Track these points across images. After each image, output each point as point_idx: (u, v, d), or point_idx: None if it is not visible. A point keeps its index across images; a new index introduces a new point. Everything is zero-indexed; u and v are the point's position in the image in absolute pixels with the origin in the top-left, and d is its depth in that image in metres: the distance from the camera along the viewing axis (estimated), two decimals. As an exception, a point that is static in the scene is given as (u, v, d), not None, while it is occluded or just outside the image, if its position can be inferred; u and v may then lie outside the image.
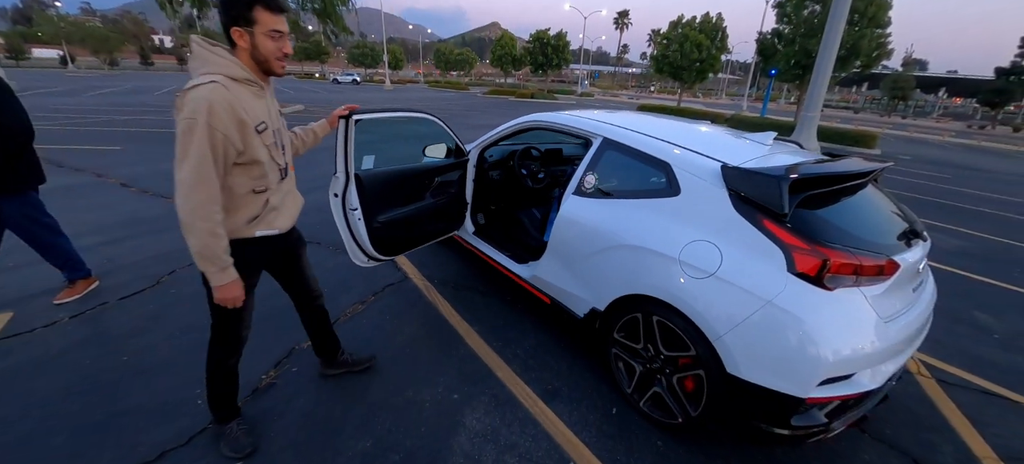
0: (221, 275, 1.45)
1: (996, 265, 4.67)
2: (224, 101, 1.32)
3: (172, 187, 1.40)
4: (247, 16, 1.36)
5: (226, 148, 1.36)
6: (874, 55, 15.82)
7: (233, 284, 1.48)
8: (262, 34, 1.38)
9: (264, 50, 1.41)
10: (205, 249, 1.39)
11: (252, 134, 1.41)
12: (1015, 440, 2.22)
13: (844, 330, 1.59)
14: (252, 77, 1.43)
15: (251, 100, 1.42)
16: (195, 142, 1.29)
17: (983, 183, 10.13)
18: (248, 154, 1.42)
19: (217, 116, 1.30)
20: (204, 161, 1.31)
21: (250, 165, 1.45)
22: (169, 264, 3.46)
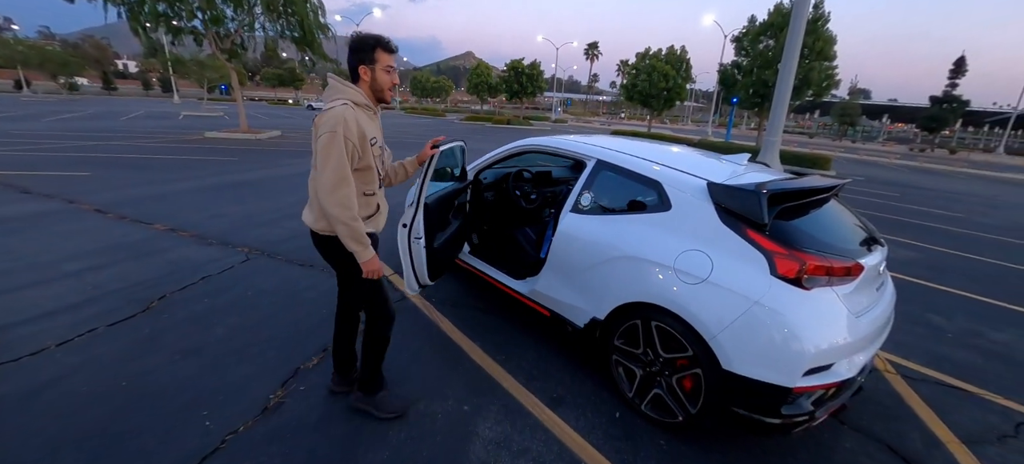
0: (366, 252, 1.79)
1: (942, 273, 5.13)
2: (352, 118, 1.70)
3: (150, 213, 1.47)
4: (371, 57, 1.78)
5: (352, 154, 1.72)
6: (824, 85, 17.16)
7: (375, 258, 1.84)
8: (380, 70, 1.80)
9: (380, 82, 1.82)
10: (353, 232, 1.73)
11: (367, 145, 1.78)
12: (973, 424, 2.47)
13: (822, 324, 1.79)
14: (369, 103, 1.84)
15: (367, 120, 1.82)
16: (335, 149, 1.65)
17: (926, 200, 11.04)
18: (364, 161, 1.79)
19: (348, 128, 1.68)
20: (342, 163, 1.67)
21: (364, 170, 1.81)
22: (158, 289, 3.39)
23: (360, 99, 1.80)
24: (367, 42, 1.78)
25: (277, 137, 15.70)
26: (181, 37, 14.33)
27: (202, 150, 11.32)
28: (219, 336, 2.81)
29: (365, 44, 1.78)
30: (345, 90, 1.79)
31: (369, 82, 1.81)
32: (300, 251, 4.37)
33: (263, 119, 25.31)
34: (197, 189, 6.85)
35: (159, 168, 8.45)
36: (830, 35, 16.56)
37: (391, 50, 1.81)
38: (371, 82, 1.81)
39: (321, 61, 16.52)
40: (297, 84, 68.38)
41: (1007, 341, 3.53)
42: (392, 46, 1.81)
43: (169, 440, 1.97)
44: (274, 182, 7.72)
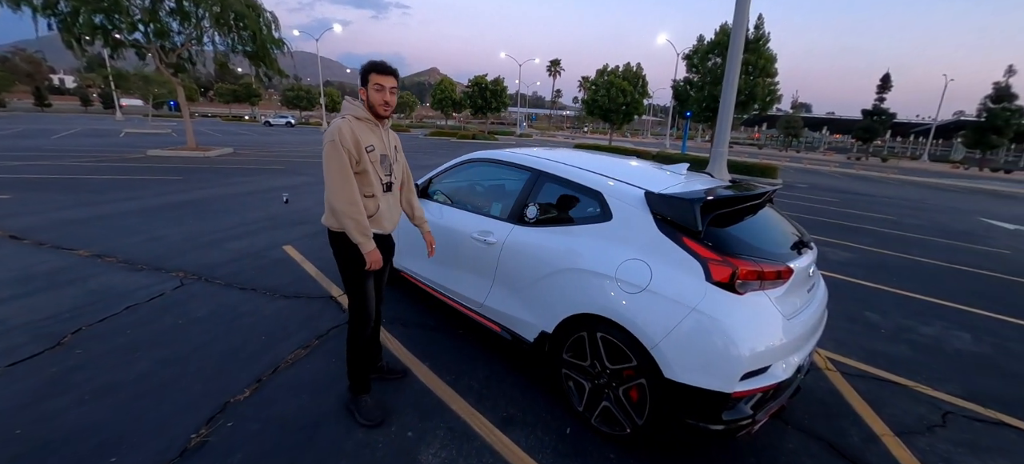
0: (368, 244, 2.04)
1: (877, 272, 5.47)
2: (347, 128, 1.99)
3: (75, 238, 1.32)
4: (366, 79, 2.06)
5: (350, 157, 1.98)
6: (768, 99, 18.29)
7: (376, 251, 2.07)
8: (371, 89, 2.05)
9: (371, 99, 2.07)
10: (358, 226, 2.00)
11: (363, 152, 2.03)
12: (906, 416, 2.59)
13: (756, 328, 1.82)
14: (369, 117, 2.10)
15: (366, 130, 2.08)
16: (334, 155, 1.95)
17: (862, 205, 11.87)
18: (360, 166, 2.03)
19: (343, 136, 1.97)
20: (343, 165, 1.96)
21: (361, 174, 2.05)
22: (73, 322, 3.07)
23: (360, 114, 2.08)
24: (364, 68, 2.07)
25: (228, 154, 14.99)
26: (121, 51, 13.50)
27: (143, 169, 10.61)
28: (140, 372, 2.56)
29: (363, 70, 2.08)
30: (348, 107, 2.10)
31: (366, 100, 2.09)
32: (241, 274, 4.11)
33: (216, 136, 24.15)
34: (133, 211, 6.36)
35: (92, 189, 7.82)
36: (771, 53, 17.73)
37: (384, 72, 2.06)
38: (367, 99, 2.09)
39: (277, 76, 16.02)
40: (253, 100, 65.82)
41: (935, 334, 3.78)
42: (387, 69, 2.07)
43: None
44: (220, 201, 7.30)
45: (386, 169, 2.18)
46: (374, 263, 2.07)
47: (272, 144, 20.76)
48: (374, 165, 2.10)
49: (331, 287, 3.92)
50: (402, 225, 3.48)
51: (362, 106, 2.10)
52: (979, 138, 35.14)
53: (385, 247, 2.27)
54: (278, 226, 5.88)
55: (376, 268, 2.10)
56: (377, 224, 2.15)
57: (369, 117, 2.10)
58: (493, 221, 2.74)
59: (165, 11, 12.99)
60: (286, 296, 3.70)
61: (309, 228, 5.84)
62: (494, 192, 3.11)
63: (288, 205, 7.18)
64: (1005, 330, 3.95)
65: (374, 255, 2.06)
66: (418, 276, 3.36)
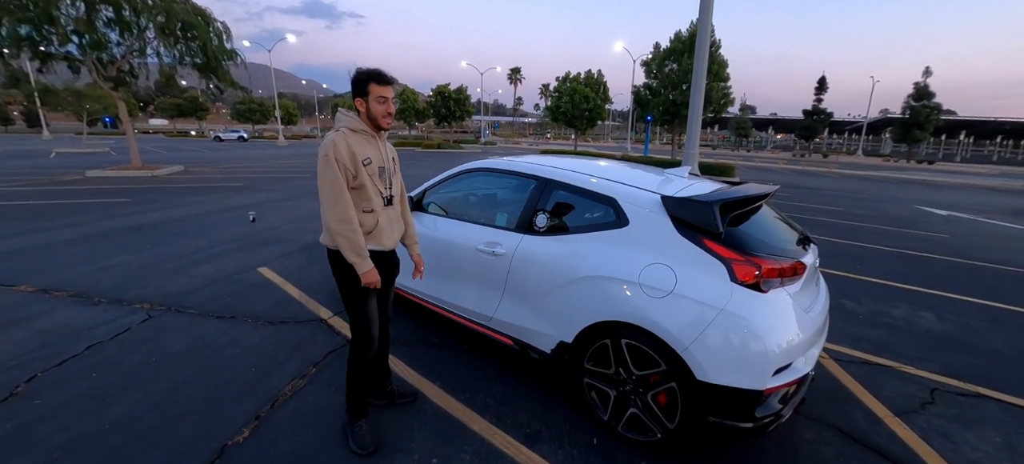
0: (364, 263, 1.93)
1: (842, 260, 5.82)
2: (343, 142, 1.90)
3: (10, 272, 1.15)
4: (365, 89, 1.94)
5: (345, 173, 1.89)
6: (722, 102, 19.28)
7: (372, 271, 1.96)
8: (373, 100, 1.95)
9: (374, 111, 1.97)
10: (351, 245, 1.90)
11: (360, 165, 1.94)
12: (899, 397, 2.73)
13: (782, 324, 1.86)
14: (365, 129, 2.00)
15: (363, 143, 1.98)
16: (329, 171, 1.86)
17: (813, 198, 12.70)
18: (358, 180, 1.94)
19: (338, 151, 1.87)
20: (337, 182, 1.86)
21: (359, 189, 1.96)
22: (25, 369, 2.71)
23: (356, 126, 1.98)
24: (361, 77, 1.95)
25: (180, 172, 14.01)
26: (51, 64, 12.33)
27: (82, 192, 9.69)
28: (115, 419, 2.28)
29: (360, 79, 1.96)
30: (342, 119, 2.00)
31: (365, 112, 1.99)
32: (216, 302, 3.80)
33: (162, 153, 22.54)
34: (77, 238, 5.77)
35: (23, 216, 7.04)
36: (723, 59, 18.73)
37: (384, 82, 1.96)
38: (367, 111, 1.98)
39: (229, 89, 15.17)
40: (200, 114, 62.12)
41: (905, 316, 4.05)
42: (386, 78, 1.97)
43: None
44: (179, 223, 6.77)
45: (385, 182, 2.08)
46: (370, 283, 1.97)
47: (226, 160, 19.62)
48: (372, 179, 2.00)
49: (319, 309, 3.70)
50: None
51: (358, 118, 2.00)
52: (905, 133, 38.66)
53: (387, 265, 2.16)
54: (248, 247, 5.52)
55: (374, 288, 2.00)
56: (376, 240, 2.05)
57: (366, 129, 2.00)
58: (500, 231, 2.68)
59: (102, 21, 12.01)
60: (271, 322, 3.45)
61: (283, 247, 5.51)
62: (496, 202, 3.05)
63: (255, 224, 6.77)
64: (963, 309, 4.30)
65: (371, 276, 1.95)
66: (417, 293, 3.22)
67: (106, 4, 11.61)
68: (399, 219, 2.24)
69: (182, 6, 12.73)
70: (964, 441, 2.35)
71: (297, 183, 11.84)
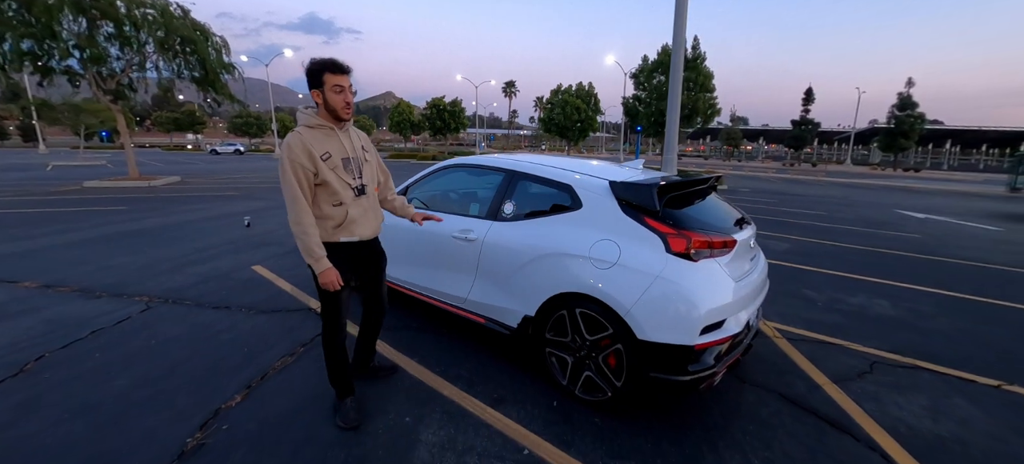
0: (317, 264, 1.95)
1: (811, 257, 6.12)
2: (297, 143, 1.89)
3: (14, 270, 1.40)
4: (320, 80, 1.92)
5: (305, 173, 1.91)
6: (709, 113, 19.80)
7: (328, 271, 1.97)
8: (329, 90, 1.93)
9: (332, 102, 1.94)
10: (305, 246, 1.93)
11: (319, 162, 1.92)
12: (841, 368, 2.98)
13: (710, 289, 2.12)
14: (324, 123, 1.98)
15: (321, 139, 1.96)
16: (285, 175, 1.89)
17: (797, 203, 13.06)
18: (319, 176, 1.94)
19: (293, 152, 1.88)
20: (291, 185, 1.89)
21: (323, 185, 1.96)
22: (34, 349, 2.93)
23: (312, 122, 1.97)
24: (315, 68, 1.92)
25: (176, 183, 14.24)
26: (52, 78, 12.61)
27: (81, 201, 9.90)
28: (118, 390, 2.50)
29: (313, 70, 1.92)
30: (301, 117, 2.00)
31: (322, 103, 1.96)
32: (212, 295, 4.03)
33: (159, 166, 22.76)
34: (77, 242, 5.98)
35: (22, 223, 7.24)
36: (708, 71, 19.29)
37: (339, 71, 1.93)
38: (324, 103, 1.95)
39: (227, 102, 15.48)
40: (197, 128, 62.46)
41: (860, 303, 4.31)
42: (341, 67, 1.94)
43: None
44: (175, 228, 6.99)
45: (352, 173, 2.05)
46: (327, 284, 1.98)
47: (222, 172, 19.86)
48: (335, 172, 1.97)
49: (309, 301, 3.93)
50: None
51: (313, 113, 1.99)
52: (891, 142, 39.43)
53: (370, 254, 2.23)
54: (243, 249, 5.75)
55: (331, 290, 2.01)
56: (349, 232, 2.05)
57: (323, 123, 1.97)
58: (472, 220, 2.94)
59: (103, 36, 12.34)
60: (263, 312, 3.68)
61: (276, 249, 5.75)
62: (470, 195, 3.31)
63: (250, 228, 7.00)
64: (916, 297, 4.57)
65: (326, 276, 1.96)
66: (398, 281, 3.46)
67: (107, 20, 11.96)
68: (376, 208, 2.22)
69: (182, 21, 13.10)
70: (892, 403, 2.60)
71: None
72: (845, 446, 2.20)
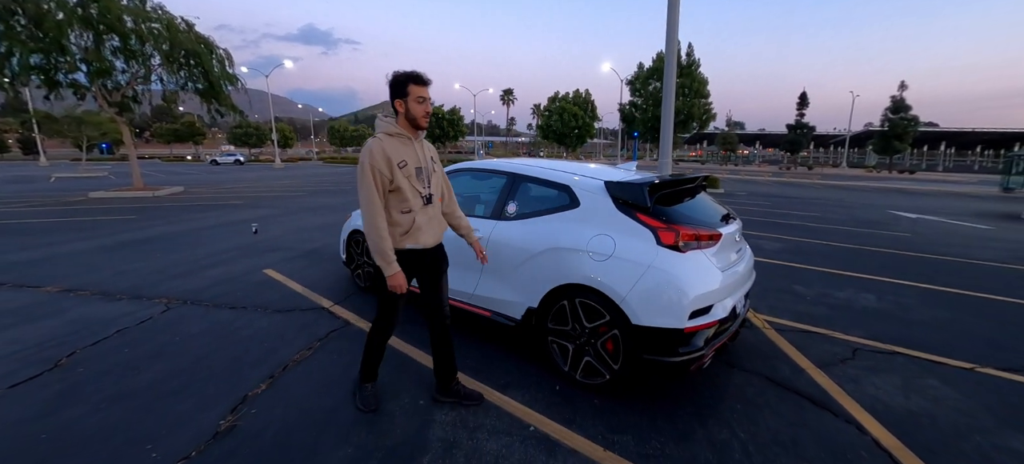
0: (388, 267, 2.03)
1: (803, 255, 6.33)
2: (378, 148, 2.01)
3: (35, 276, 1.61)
4: (404, 91, 2.04)
5: (381, 180, 2.01)
6: (704, 118, 20.12)
7: (398, 275, 2.05)
8: (412, 101, 2.04)
9: (413, 112, 2.06)
10: (377, 248, 2.02)
11: (396, 169, 2.03)
12: (825, 354, 3.18)
13: (697, 277, 2.32)
14: (402, 132, 2.09)
15: (399, 146, 2.07)
16: (364, 178, 1.99)
17: (791, 205, 13.30)
18: (394, 182, 2.04)
19: (374, 158, 1.99)
20: (368, 188, 1.99)
21: (396, 191, 2.06)
22: (65, 347, 3.11)
23: (392, 129, 2.08)
24: (400, 79, 2.04)
25: (180, 193, 14.43)
26: (58, 91, 12.84)
27: (89, 211, 10.09)
28: (149, 381, 2.69)
29: (398, 81, 2.04)
30: (380, 124, 2.11)
31: (404, 113, 2.07)
32: (228, 296, 4.21)
33: (161, 176, 22.96)
34: (90, 249, 6.17)
35: (35, 232, 7.42)
36: (703, 77, 19.64)
37: (423, 83, 2.06)
38: (406, 112, 2.07)
39: (230, 113, 15.73)
40: (197, 139, 62.79)
41: (847, 297, 4.51)
42: (425, 79, 2.06)
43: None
44: (184, 236, 7.18)
45: (423, 182, 2.14)
46: (394, 288, 2.05)
47: (224, 182, 20.07)
48: (409, 180, 2.06)
49: (321, 300, 4.12)
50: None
51: (393, 122, 2.09)
52: (886, 145, 39.90)
53: (433, 260, 2.27)
54: (252, 254, 5.93)
55: (398, 293, 2.08)
56: (414, 239, 2.12)
57: (402, 132, 2.08)
58: (478, 220, 3.14)
59: (109, 50, 12.60)
60: (278, 311, 3.86)
61: (285, 254, 5.93)
62: (475, 197, 3.51)
63: (257, 235, 7.19)
64: (902, 291, 4.78)
65: (395, 280, 2.04)
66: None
67: (113, 34, 12.23)
68: (440, 217, 2.28)
69: (186, 35, 13.38)
70: (869, 383, 2.79)
71: (295, 200, 12.29)
72: (825, 421, 2.39)
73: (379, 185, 2.00)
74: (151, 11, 13.01)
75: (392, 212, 2.08)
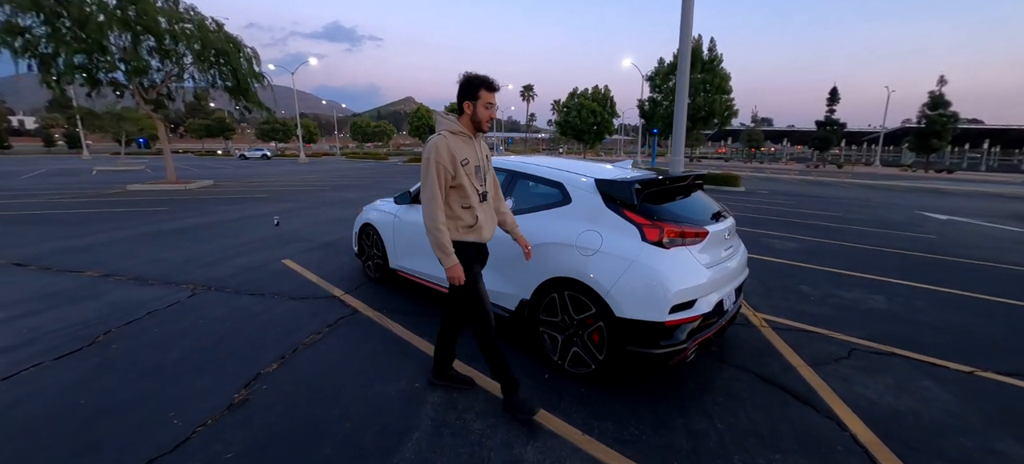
0: (447, 259, 2.11)
1: (815, 256, 6.23)
2: (444, 145, 2.08)
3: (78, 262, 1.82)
4: (475, 94, 2.13)
5: (444, 176, 2.09)
6: (726, 114, 19.70)
7: (455, 267, 2.12)
8: (481, 105, 2.14)
9: (480, 115, 2.16)
10: (437, 241, 2.09)
11: (458, 166, 2.11)
12: (819, 353, 3.20)
13: (679, 272, 2.40)
14: (464, 131, 2.18)
15: (462, 145, 2.15)
16: (429, 173, 2.06)
17: (815, 205, 12.95)
18: (457, 180, 2.13)
19: (440, 154, 2.06)
20: (432, 184, 2.06)
21: (458, 188, 2.15)
22: (102, 326, 3.42)
23: (456, 128, 2.16)
24: (473, 82, 2.13)
25: (210, 186, 15.13)
26: (99, 89, 13.65)
27: (126, 203, 10.73)
28: (175, 357, 2.95)
29: (471, 84, 2.13)
30: (443, 122, 2.18)
31: (470, 115, 2.16)
32: (249, 284, 4.50)
33: (193, 170, 24.05)
34: (127, 239, 6.62)
35: (77, 222, 7.99)
36: (725, 72, 19.21)
37: (494, 89, 2.15)
38: (472, 115, 2.16)
39: (256, 109, 16.35)
40: (227, 134, 65.21)
41: (854, 298, 4.47)
42: (495, 86, 2.16)
43: (140, 437, 2.14)
44: (212, 227, 7.60)
45: (480, 179, 2.24)
46: (453, 278, 2.12)
47: (252, 176, 20.87)
48: (470, 178, 2.15)
49: (334, 289, 4.35)
50: (393, 227, 4.00)
51: (456, 121, 2.16)
52: (922, 143, 38.05)
53: (485, 254, 2.38)
54: (273, 245, 6.26)
55: (457, 284, 2.15)
56: (477, 234, 2.22)
57: (464, 131, 2.17)
58: (477, 214, 3.28)
59: (145, 50, 13.31)
60: (294, 298, 4.11)
61: (304, 245, 6.23)
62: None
63: (279, 227, 7.54)
64: (914, 293, 4.68)
65: (456, 271, 2.11)
66: (414, 272, 3.84)
67: (150, 35, 12.91)
68: (493, 213, 2.38)
69: (216, 34, 14.01)
70: (860, 383, 2.81)
71: (317, 195, 12.73)
72: (805, 416, 2.44)
73: (442, 181, 2.08)
74: (184, 12, 13.66)
75: (454, 207, 2.16)
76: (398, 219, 4.02)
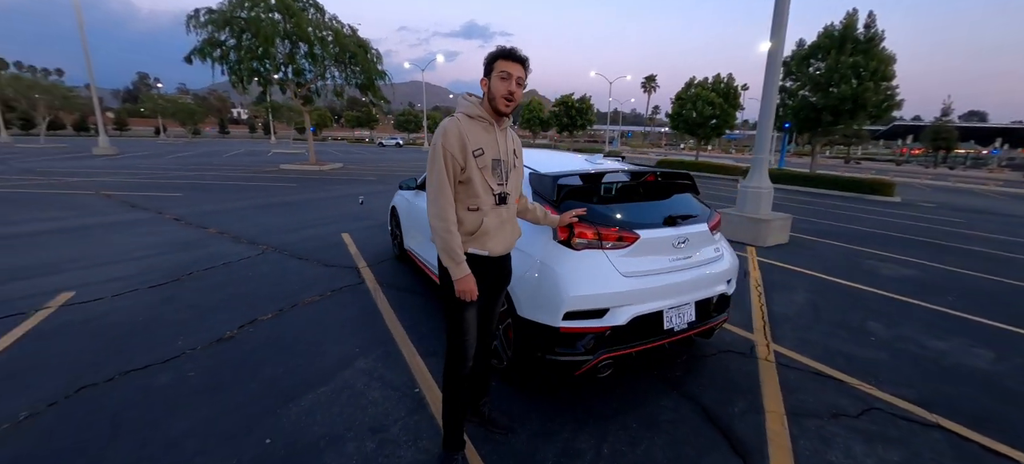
0: (456, 268, 1.71)
1: (931, 290, 4.81)
2: (454, 129, 1.71)
3: (209, 221, 2.43)
4: (490, 67, 1.73)
5: (452, 165, 1.70)
6: (884, 106, 15.91)
7: (467, 278, 1.71)
8: (496, 77, 1.71)
9: (494, 89, 1.72)
10: (444, 245, 1.71)
11: (469, 156, 1.70)
12: (812, 402, 2.60)
13: (584, 277, 2.22)
14: (484, 116, 1.77)
15: (478, 131, 1.75)
16: (435, 162, 1.70)
17: (991, 226, 9.81)
18: (466, 173, 1.71)
19: (447, 138, 1.69)
20: (439, 173, 1.69)
21: (465, 183, 1.73)
22: (190, 269, 4.53)
23: (473, 111, 1.77)
24: (489, 55, 1.75)
25: (338, 168, 17.94)
26: (270, 88, 17.22)
27: (270, 178, 13.45)
28: (215, 300, 3.78)
29: (488, 56, 1.75)
30: (461, 104, 1.82)
31: (486, 92, 1.76)
32: (304, 250, 5.40)
33: (337, 154, 28.69)
34: (250, 206, 8.40)
35: (231, 191, 10.35)
36: (886, 55, 15.47)
37: (512, 58, 1.70)
38: (487, 92, 1.75)
39: (379, 102, 18.81)
40: (371, 124, 75.85)
41: (944, 348, 3.42)
42: (512, 53, 1.71)
43: (150, 350, 2.88)
44: (311, 203, 9.12)
45: (499, 176, 1.79)
46: (463, 293, 1.73)
47: (378, 161, 24.05)
48: (482, 173, 1.74)
49: (359, 261, 4.97)
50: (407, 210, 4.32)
51: (476, 103, 1.79)
52: None
53: (495, 273, 1.90)
54: (346, 220, 7.29)
55: (468, 299, 1.75)
56: (479, 244, 1.79)
57: (483, 115, 1.77)
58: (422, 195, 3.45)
59: (300, 54, 16.38)
60: (326, 265, 4.83)
61: (368, 223, 7.13)
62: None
63: (363, 206, 8.69)
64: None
65: (464, 283, 1.71)
66: (415, 254, 4.19)
67: (302, 42, 15.84)
68: (514, 221, 1.92)
69: (350, 39, 16.47)
70: (840, 450, 2.23)
71: (413, 179, 14.18)
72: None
73: (450, 171, 1.69)
74: (327, 22, 16.36)
75: (457, 207, 1.75)
76: (410, 204, 4.40)
